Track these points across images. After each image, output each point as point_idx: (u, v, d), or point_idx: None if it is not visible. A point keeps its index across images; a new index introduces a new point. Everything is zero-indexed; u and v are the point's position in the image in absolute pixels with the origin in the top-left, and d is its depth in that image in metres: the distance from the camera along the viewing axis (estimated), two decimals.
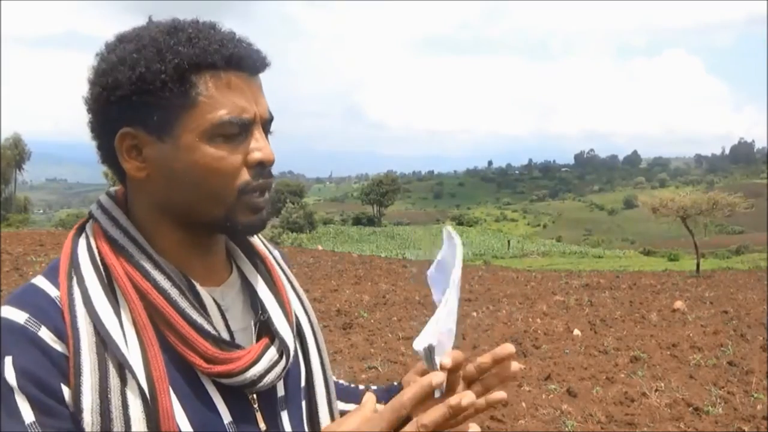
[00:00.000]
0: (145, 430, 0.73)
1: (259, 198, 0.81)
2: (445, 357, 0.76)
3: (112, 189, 0.88)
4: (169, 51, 0.75)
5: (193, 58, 0.76)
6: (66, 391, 0.72)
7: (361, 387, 1.10)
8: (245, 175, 0.79)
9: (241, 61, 0.78)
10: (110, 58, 0.77)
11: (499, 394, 0.82)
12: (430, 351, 0.76)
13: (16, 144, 62.54)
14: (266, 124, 0.83)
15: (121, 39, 0.79)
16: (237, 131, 0.78)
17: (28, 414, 0.70)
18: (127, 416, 0.72)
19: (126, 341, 0.75)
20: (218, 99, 0.77)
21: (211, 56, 0.76)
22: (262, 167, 0.80)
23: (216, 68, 0.77)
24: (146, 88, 0.75)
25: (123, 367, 0.73)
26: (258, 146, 0.80)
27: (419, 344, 0.76)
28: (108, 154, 0.82)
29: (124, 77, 0.75)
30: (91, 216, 0.84)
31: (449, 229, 0.85)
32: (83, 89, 0.81)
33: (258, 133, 0.80)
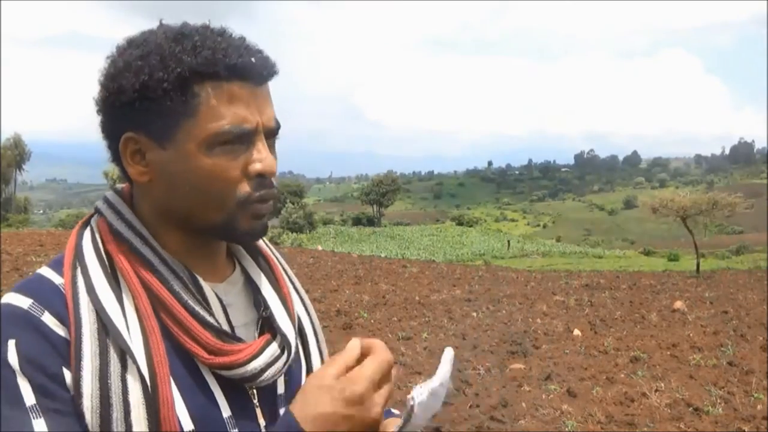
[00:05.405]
0: (144, 415, 0.73)
1: (261, 205, 0.81)
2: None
3: (119, 186, 0.89)
4: (172, 59, 0.75)
5: (195, 67, 0.75)
6: (68, 375, 0.73)
7: None
8: (245, 187, 0.79)
9: (246, 70, 0.78)
10: (118, 63, 0.78)
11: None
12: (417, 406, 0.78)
13: (16, 144, 62.58)
14: (272, 133, 0.82)
15: (130, 43, 0.80)
16: (237, 141, 0.78)
17: (29, 397, 0.71)
18: (127, 402, 0.73)
19: (128, 329, 0.76)
20: (218, 109, 0.76)
21: (214, 66, 0.76)
22: (262, 178, 0.80)
23: (219, 78, 0.76)
24: (149, 96, 0.76)
25: (124, 354, 0.74)
26: (259, 157, 0.79)
27: (418, 395, 0.78)
28: (116, 155, 0.83)
29: (128, 83, 0.76)
30: (96, 211, 0.86)
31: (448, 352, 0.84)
32: (88, 90, 0.82)
33: (261, 144, 0.80)
